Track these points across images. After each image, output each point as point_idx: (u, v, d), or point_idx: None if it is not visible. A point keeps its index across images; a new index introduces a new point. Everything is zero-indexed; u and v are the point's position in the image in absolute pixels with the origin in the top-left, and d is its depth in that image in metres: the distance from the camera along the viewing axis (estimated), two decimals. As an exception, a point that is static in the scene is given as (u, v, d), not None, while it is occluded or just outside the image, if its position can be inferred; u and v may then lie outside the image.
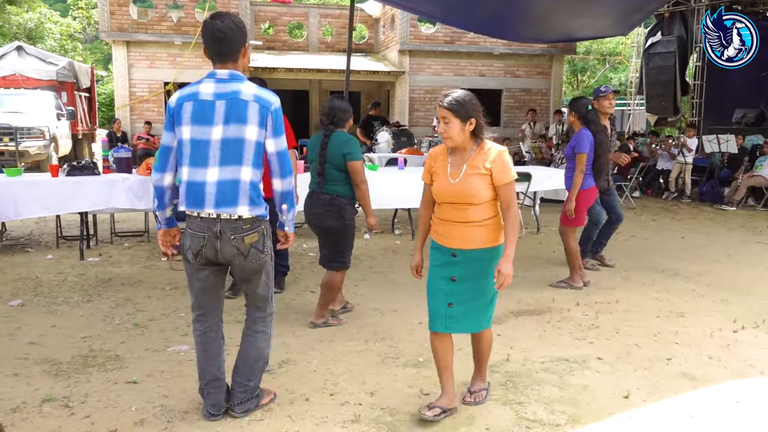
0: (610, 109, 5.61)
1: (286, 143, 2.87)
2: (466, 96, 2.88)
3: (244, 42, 2.80)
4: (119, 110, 15.39)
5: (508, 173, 2.85)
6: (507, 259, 2.84)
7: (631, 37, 23.06)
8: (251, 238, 2.79)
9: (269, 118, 2.75)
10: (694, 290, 5.33)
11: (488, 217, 2.90)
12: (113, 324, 4.28)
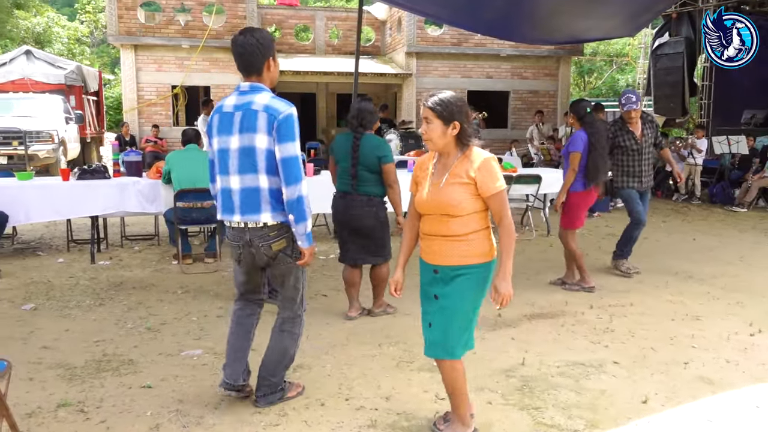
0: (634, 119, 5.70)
1: (295, 151, 2.84)
2: (453, 98, 2.62)
3: (267, 56, 2.89)
4: (127, 114, 15.44)
5: (495, 182, 2.56)
6: (504, 275, 2.57)
7: (638, 38, 23.01)
8: (279, 245, 2.90)
9: (275, 125, 2.80)
10: (708, 293, 5.29)
11: (472, 230, 2.60)
12: (126, 328, 4.27)
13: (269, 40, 2.91)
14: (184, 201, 5.81)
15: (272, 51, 2.92)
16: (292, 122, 2.82)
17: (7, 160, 12.07)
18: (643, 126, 5.77)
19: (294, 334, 3.12)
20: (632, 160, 5.75)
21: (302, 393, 3.24)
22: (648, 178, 5.87)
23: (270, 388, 3.10)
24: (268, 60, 2.90)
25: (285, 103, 2.87)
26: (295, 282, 3.04)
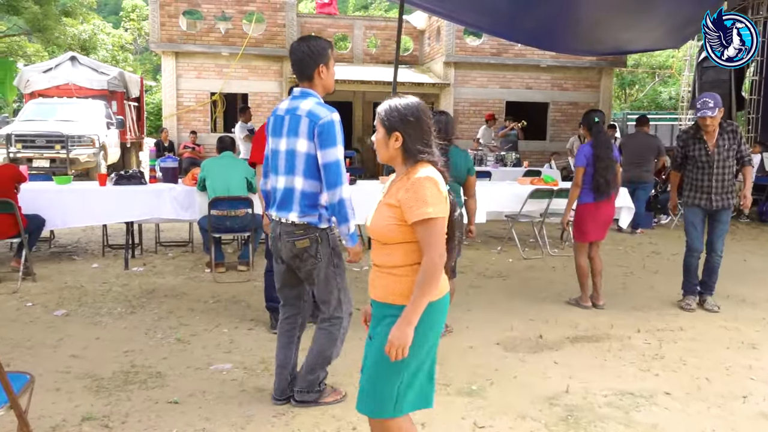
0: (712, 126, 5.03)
1: (335, 156, 2.92)
2: (403, 105, 2.21)
3: (318, 63, 3.02)
4: (166, 120, 15.63)
5: (420, 207, 2.08)
6: (400, 321, 2.08)
7: (682, 50, 22.40)
8: (302, 243, 3.02)
9: (315, 131, 2.92)
10: (764, 319, 4.98)
11: (400, 264, 2.16)
12: (155, 338, 4.19)
13: (322, 48, 3.03)
14: (218, 209, 5.75)
15: (325, 58, 3.03)
16: (332, 128, 2.91)
17: (50, 163, 12.31)
18: (720, 136, 5.08)
19: (331, 335, 3.16)
20: (701, 173, 5.13)
21: (341, 401, 3.24)
22: (722, 196, 5.11)
23: (307, 385, 3.19)
24: (319, 67, 3.02)
25: (327, 109, 2.96)
26: (326, 282, 3.10)
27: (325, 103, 3.04)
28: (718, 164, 5.09)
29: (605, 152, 5.06)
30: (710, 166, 5.11)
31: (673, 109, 24.55)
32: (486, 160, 11.44)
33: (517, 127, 13.29)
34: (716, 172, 5.10)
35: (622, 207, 7.68)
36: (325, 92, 3.11)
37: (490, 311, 4.99)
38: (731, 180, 5.13)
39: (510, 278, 6.22)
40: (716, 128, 5.07)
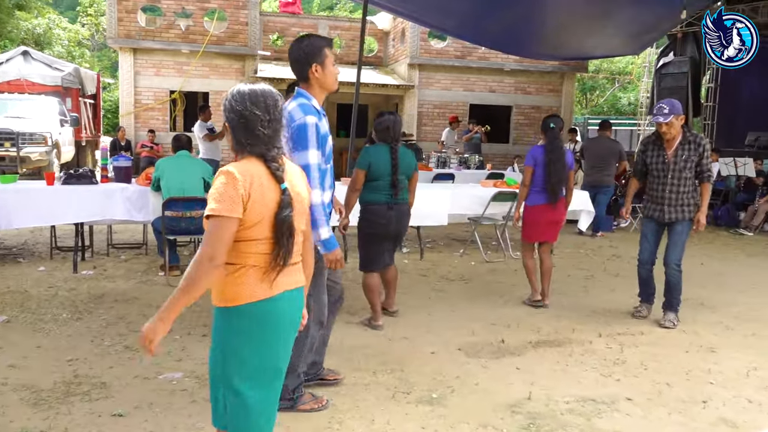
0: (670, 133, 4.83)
1: (306, 160, 2.86)
2: (237, 93, 2.04)
3: (311, 63, 2.99)
4: (124, 118, 15.19)
5: (209, 203, 1.90)
6: (155, 315, 1.94)
7: (641, 57, 22.87)
8: None
9: (290, 133, 2.87)
10: (721, 322, 5.02)
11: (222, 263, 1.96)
12: (102, 346, 3.98)
13: (316, 47, 2.99)
14: (172, 210, 5.54)
15: (318, 58, 2.99)
16: (304, 131, 2.87)
17: (-1, 161, 11.81)
18: (680, 145, 4.81)
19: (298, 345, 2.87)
20: (657, 183, 4.91)
21: (321, 409, 3.16)
22: (676, 208, 4.84)
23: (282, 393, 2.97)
24: (312, 66, 2.99)
25: (303, 110, 2.92)
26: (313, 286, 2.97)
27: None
28: (673, 174, 4.84)
29: (557, 157, 5.13)
30: (665, 176, 4.87)
31: (632, 115, 25.06)
32: (449, 162, 11.42)
33: (480, 131, 13.33)
34: (670, 183, 4.85)
35: (582, 210, 7.71)
36: (325, 92, 3.07)
37: (451, 316, 4.91)
38: (689, 193, 4.84)
39: (472, 282, 6.16)
40: (676, 137, 4.82)
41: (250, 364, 2.00)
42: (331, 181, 3.15)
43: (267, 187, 1.95)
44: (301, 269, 2.13)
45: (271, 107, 2.02)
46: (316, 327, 3.15)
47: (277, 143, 2.02)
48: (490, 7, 7.86)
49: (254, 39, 15.30)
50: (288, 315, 2.05)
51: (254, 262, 1.96)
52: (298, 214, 2.02)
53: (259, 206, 1.93)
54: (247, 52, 15.22)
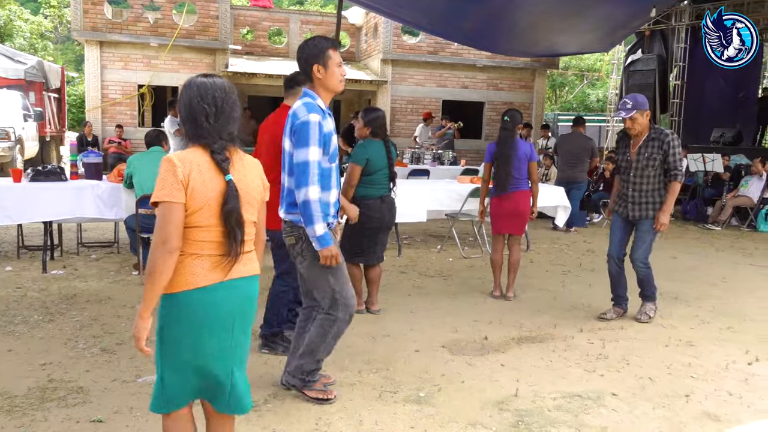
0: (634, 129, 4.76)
1: (305, 157, 2.92)
2: (187, 84, 2.12)
3: (312, 63, 3.02)
4: (90, 113, 14.81)
5: (155, 191, 2.00)
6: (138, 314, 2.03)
7: (610, 54, 23.20)
8: (289, 240, 3.13)
9: (293, 130, 2.97)
10: (697, 316, 5.09)
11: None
12: (77, 349, 3.85)
13: (319, 48, 3.02)
14: (146, 207, 5.39)
15: (321, 58, 3.01)
16: (305, 129, 2.91)
17: (-42, 157, 11.42)
18: (644, 143, 4.72)
19: (322, 329, 3.16)
20: (623, 180, 4.90)
21: (326, 402, 3.17)
22: (639, 206, 4.77)
23: (293, 370, 3.24)
24: (313, 67, 3.02)
25: (306, 109, 2.95)
26: (316, 280, 3.12)
27: (260, 97, 2.96)
28: (636, 172, 4.77)
29: (504, 149, 5.31)
30: (628, 174, 4.84)
31: (600, 111, 25.39)
32: (423, 158, 11.41)
33: (453, 127, 13.35)
34: (632, 181, 4.79)
35: (559, 206, 7.78)
36: (329, 92, 3.10)
37: (433, 313, 4.89)
38: (653, 191, 4.73)
39: (451, 278, 6.15)
40: (642, 133, 4.74)
41: (184, 348, 2.05)
42: (336, 179, 3.13)
43: (208, 176, 2.01)
44: (254, 258, 2.19)
45: (219, 100, 2.07)
46: (345, 320, 3.18)
47: (225, 135, 2.06)
48: (464, 3, 7.86)
49: (225, 33, 15.06)
50: (228, 303, 2.08)
51: (196, 249, 2.02)
52: (247, 205, 2.09)
53: (199, 194, 1.98)
54: (217, 46, 14.97)
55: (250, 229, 2.13)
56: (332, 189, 3.08)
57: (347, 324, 3.21)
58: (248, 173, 2.14)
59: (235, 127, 2.09)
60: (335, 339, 3.21)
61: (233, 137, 2.09)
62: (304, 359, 3.21)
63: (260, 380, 3.45)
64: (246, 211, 2.08)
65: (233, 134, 2.09)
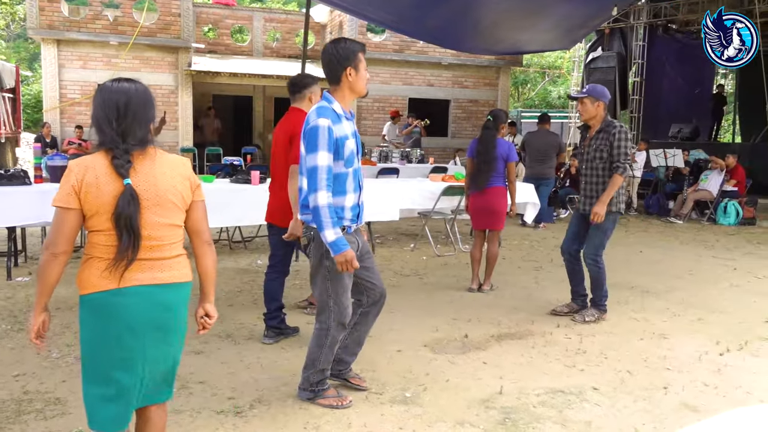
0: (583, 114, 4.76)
1: (313, 162, 2.91)
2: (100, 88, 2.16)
3: (345, 66, 3.01)
4: (48, 113, 14.38)
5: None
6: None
7: (570, 51, 23.60)
8: (304, 240, 3.20)
9: (305, 134, 2.98)
10: (668, 309, 5.22)
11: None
12: (50, 359, 3.74)
13: (351, 51, 3.01)
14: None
15: (352, 61, 3.01)
16: (314, 133, 2.90)
17: None
18: (595, 134, 4.69)
19: (318, 338, 3.16)
20: (580, 174, 4.92)
21: (340, 407, 3.15)
22: (589, 200, 4.71)
23: (301, 383, 3.25)
24: (346, 70, 3.01)
25: (317, 114, 2.94)
26: (320, 284, 3.12)
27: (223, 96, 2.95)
28: (586, 165, 4.75)
29: (483, 148, 5.47)
30: (582, 166, 4.85)
31: (562, 108, 25.81)
32: (392, 156, 11.44)
33: (420, 125, 13.40)
34: (584, 173, 4.79)
35: (528, 203, 7.88)
36: (354, 96, 3.13)
37: (412, 312, 4.89)
38: (602, 184, 4.63)
39: (426, 276, 6.18)
40: (594, 123, 4.70)
41: (89, 354, 2.08)
42: (355, 183, 3.10)
43: (104, 180, 2.00)
44: (171, 266, 2.11)
45: (122, 105, 2.06)
46: (338, 328, 3.15)
47: (130, 140, 2.04)
48: (429, 1, 7.90)
49: (187, 31, 14.80)
50: (135, 310, 2.04)
51: (99, 253, 2.03)
52: (156, 208, 2.06)
53: (93, 198, 1.99)
54: (180, 45, 14.70)
55: (163, 232, 2.09)
56: (348, 193, 3.05)
57: (340, 332, 3.17)
58: (161, 175, 2.09)
59: (143, 131, 2.08)
60: (332, 348, 3.18)
61: (143, 140, 2.07)
62: (308, 371, 3.21)
63: (244, 386, 3.41)
64: (155, 213, 2.05)
65: (143, 137, 2.07)
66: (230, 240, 7.45)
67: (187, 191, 2.15)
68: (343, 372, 3.40)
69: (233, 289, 5.47)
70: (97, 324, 2.04)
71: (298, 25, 17.36)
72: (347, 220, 3.07)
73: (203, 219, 2.22)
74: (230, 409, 3.13)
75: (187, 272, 2.17)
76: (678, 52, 18.29)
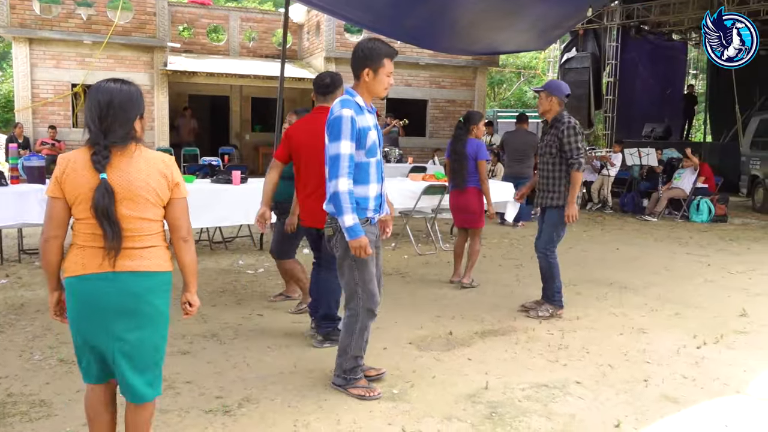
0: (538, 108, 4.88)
1: (336, 150, 3.01)
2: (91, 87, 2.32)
3: (364, 66, 3.08)
4: (20, 113, 14.10)
5: None
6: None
7: (545, 52, 23.87)
8: (328, 232, 3.25)
9: (327, 125, 3.10)
10: (646, 304, 5.33)
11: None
12: (32, 361, 3.69)
13: (375, 53, 3.07)
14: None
15: (373, 63, 3.07)
16: (338, 123, 3.00)
17: None
18: (548, 129, 4.76)
19: (348, 326, 3.26)
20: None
21: (370, 398, 3.23)
22: (543, 194, 4.75)
23: (335, 370, 3.35)
24: (364, 69, 3.09)
25: (341, 105, 3.05)
26: (345, 273, 3.20)
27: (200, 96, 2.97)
28: (540, 159, 4.82)
29: (454, 148, 5.71)
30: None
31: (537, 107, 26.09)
32: (371, 156, 11.45)
33: (398, 124, 13.45)
34: (539, 167, 4.86)
35: (508, 202, 7.97)
36: (371, 96, 3.18)
37: (396, 310, 4.93)
38: (553, 179, 4.69)
39: (409, 275, 6.22)
40: (548, 118, 4.76)
41: (71, 325, 2.28)
42: (378, 174, 3.20)
43: (82, 173, 2.17)
44: (141, 255, 2.23)
45: (104, 104, 2.19)
46: (367, 314, 3.25)
47: (111, 137, 2.17)
48: (406, 1, 7.95)
49: (163, 30, 14.65)
50: (103, 294, 2.20)
51: (79, 240, 2.22)
52: (127, 201, 2.19)
53: (72, 188, 2.17)
54: (156, 44, 14.54)
55: (135, 225, 2.22)
56: (371, 183, 3.15)
57: (370, 318, 3.28)
58: (136, 171, 2.21)
59: (124, 129, 2.19)
60: (362, 335, 3.27)
61: (123, 137, 2.19)
62: (340, 359, 3.31)
63: (232, 385, 3.41)
64: (126, 207, 2.19)
65: (124, 135, 2.19)
66: (211, 240, 7.41)
67: (162, 188, 2.24)
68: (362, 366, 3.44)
69: (216, 289, 5.45)
70: (72, 304, 2.24)
71: (275, 25, 17.29)
72: (371, 211, 3.17)
73: (181, 216, 2.32)
74: (219, 408, 3.13)
75: (159, 263, 2.27)
76: (650, 53, 18.64)
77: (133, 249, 2.21)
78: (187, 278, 2.39)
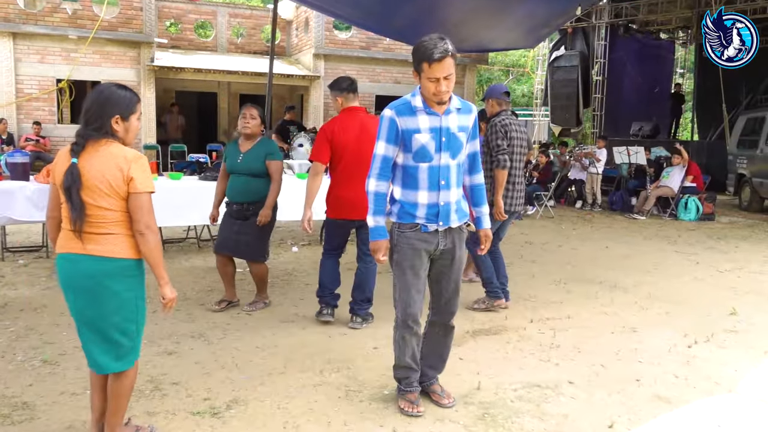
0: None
1: (375, 149, 3.01)
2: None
3: (414, 66, 2.95)
4: (4, 109, 13.89)
5: None
6: None
7: (534, 50, 23.90)
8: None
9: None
10: (636, 303, 5.33)
11: None
12: (15, 362, 3.61)
13: (417, 56, 2.90)
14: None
15: (415, 64, 2.92)
16: (380, 123, 3.00)
17: None
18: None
19: (394, 335, 3.18)
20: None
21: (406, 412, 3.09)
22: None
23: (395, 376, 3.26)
24: (414, 70, 2.99)
25: (391, 104, 3.03)
26: (393, 277, 3.14)
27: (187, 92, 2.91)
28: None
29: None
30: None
31: (526, 106, 26.12)
32: (361, 153, 11.40)
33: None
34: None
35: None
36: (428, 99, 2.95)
37: (384, 308, 4.82)
38: (488, 178, 4.62)
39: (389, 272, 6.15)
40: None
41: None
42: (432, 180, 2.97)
43: (62, 160, 2.44)
44: (98, 240, 2.41)
45: (89, 100, 2.47)
46: (402, 325, 3.10)
47: (89, 129, 2.42)
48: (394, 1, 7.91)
49: (150, 25, 14.49)
50: (67, 273, 2.46)
51: (63, 222, 2.47)
52: (87, 190, 2.38)
53: (57, 173, 2.44)
54: (142, 39, 14.39)
55: (93, 212, 2.39)
56: (421, 190, 2.96)
57: (406, 331, 3.08)
58: (97, 163, 2.39)
59: (98, 123, 2.42)
60: (400, 345, 3.13)
61: (97, 130, 2.42)
62: (394, 369, 3.24)
63: (220, 386, 3.35)
64: (86, 194, 2.38)
65: (98, 128, 2.42)
66: (198, 238, 7.33)
67: (117, 180, 2.40)
68: (425, 383, 3.27)
69: (203, 288, 5.38)
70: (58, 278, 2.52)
71: (263, 21, 17.19)
72: (421, 219, 2.97)
73: (137, 210, 2.43)
74: (207, 410, 3.07)
75: (114, 249, 2.43)
76: (638, 52, 18.71)
77: (91, 234, 2.41)
78: (153, 270, 2.50)
